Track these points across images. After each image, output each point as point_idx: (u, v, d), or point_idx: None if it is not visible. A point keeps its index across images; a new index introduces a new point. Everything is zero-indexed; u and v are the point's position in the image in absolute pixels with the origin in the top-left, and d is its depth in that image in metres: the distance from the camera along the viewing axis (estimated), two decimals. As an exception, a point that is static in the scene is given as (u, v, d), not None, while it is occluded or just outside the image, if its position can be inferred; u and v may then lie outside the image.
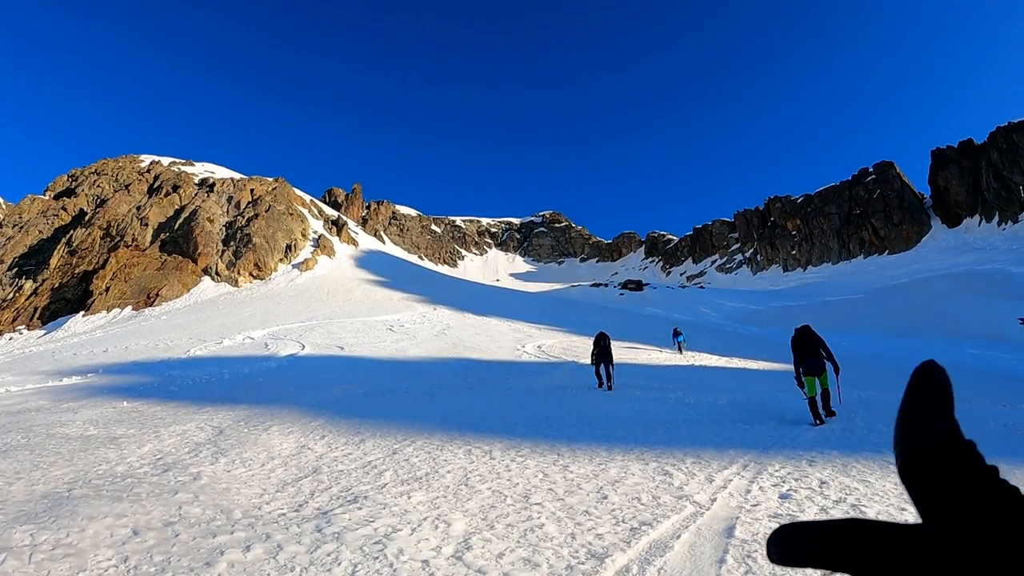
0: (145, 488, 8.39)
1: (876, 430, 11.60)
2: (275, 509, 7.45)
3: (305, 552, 5.93)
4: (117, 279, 77.62)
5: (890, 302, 74.75)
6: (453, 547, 6.05)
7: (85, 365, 30.58)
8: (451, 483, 8.54)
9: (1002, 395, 19.77)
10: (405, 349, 33.08)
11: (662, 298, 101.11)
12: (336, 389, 19.66)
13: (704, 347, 38.68)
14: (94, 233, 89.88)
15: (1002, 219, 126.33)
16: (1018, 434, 11.31)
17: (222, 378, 23.59)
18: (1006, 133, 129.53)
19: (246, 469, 9.58)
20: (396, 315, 52.11)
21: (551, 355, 31.87)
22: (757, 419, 13.37)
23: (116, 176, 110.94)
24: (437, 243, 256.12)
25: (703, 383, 21.32)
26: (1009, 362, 36.57)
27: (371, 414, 14.56)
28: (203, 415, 14.95)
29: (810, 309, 76.55)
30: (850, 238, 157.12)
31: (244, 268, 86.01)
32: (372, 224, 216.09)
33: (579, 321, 52.96)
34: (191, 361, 30.13)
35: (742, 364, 29.85)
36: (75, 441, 11.93)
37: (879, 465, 9.00)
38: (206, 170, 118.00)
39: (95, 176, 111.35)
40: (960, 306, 65.42)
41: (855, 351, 42.07)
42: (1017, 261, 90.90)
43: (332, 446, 11.18)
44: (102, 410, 16.11)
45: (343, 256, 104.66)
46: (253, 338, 39.52)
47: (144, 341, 41.91)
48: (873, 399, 16.26)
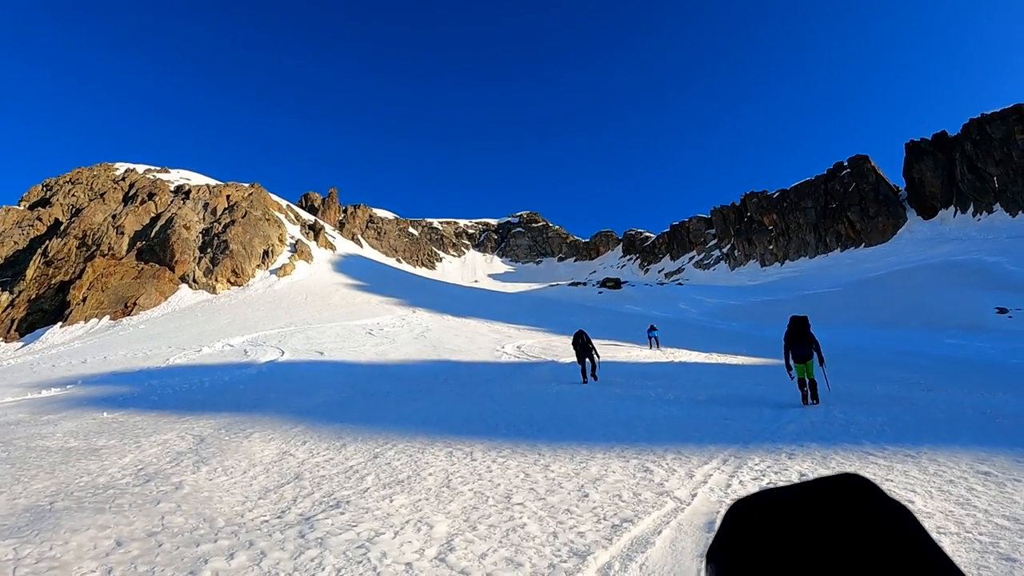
0: (127, 499, 8.38)
1: (856, 422, 11.71)
2: (258, 516, 7.46)
3: (289, 558, 5.94)
4: (94, 289, 77.02)
5: (868, 294, 75.36)
6: (436, 549, 6.08)
7: (64, 376, 30.35)
8: (433, 485, 8.57)
9: (980, 384, 19.98)
10: (385, 353, 33.02)
11: (641, 296, 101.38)
12: (316, 394, 19.64)
13: (683, 343, 38.81)
14: (70, 243, 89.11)
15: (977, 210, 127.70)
16: (995, 421, 11.44)
17: (202, 386, 23.48)
18: (979, 125, 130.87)
19: (228, 477, 9.58)
20: (375, 319, 51.99)
21: (531, 355, 31.89)
22: (737, 414, 13.47)
23: (91, 185, 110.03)
24: (415, 245, 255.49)
25: (683, 379, 21.42)
26: (987, 351, 36.96)
27: (352, 419, 14.57)
28: (184, 424, 14.91)
29: (788, 303, 76.93)
30: (826, 232, 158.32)
31: (222, 275, 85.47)
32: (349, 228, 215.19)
33: (558, 320, 53.02)
34: (170, 370, 29.95)
35: (721, 360, 29.99)
36: (56, 453, 11.88)
37: (858, 457, 9.10)
38: (181, 177, 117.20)
39: (70, 185, 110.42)
40: (937, 297, 66.05)
41: (834, 344, 42.33)
42: (993, 251, 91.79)
43: (313, 452, 11.19)
44: (82, 421, 16.04)
45: (321, 261, 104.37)
46: (232, 345, 39.32)
47: (123, 351, 41.61)
48: (853, 391, 16.40)
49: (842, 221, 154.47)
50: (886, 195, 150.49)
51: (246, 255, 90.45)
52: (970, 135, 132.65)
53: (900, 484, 7.54)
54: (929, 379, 21.25)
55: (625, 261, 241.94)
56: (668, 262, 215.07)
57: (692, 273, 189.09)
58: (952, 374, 24.22)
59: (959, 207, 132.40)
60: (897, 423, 11.48)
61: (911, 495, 7.04)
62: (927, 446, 9.46)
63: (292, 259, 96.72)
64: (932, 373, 24.03)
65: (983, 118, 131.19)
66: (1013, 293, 63.07)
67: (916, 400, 14.47)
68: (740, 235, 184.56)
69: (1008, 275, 73.15)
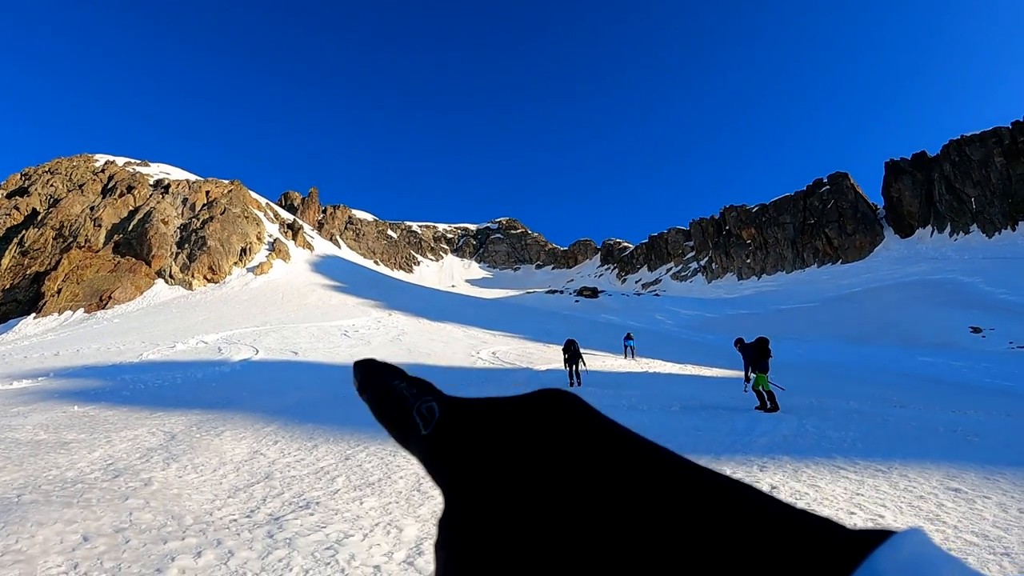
0: (96, 494, 8.31)
1: (827, 436, 11.77)
2: (227, 515, 7.41)
3: (257, 558, 5.91)
4: (69, 281, 76.46)
5: (843, 311, 76.00)
6: (405, 552, 6.06)
7: (36, 368, 30.05)
8: (403, 489, 8.53)
9: (953, 402, 20.12)
10: (360, 354, 32.75)
11: (617, 305, 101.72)
12: (290, 395, 19.55)
13: (659, 354, 38.87)
14: (46, 233, 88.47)
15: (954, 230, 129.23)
16: (966, 439, 11.53)
17: (175, 383, 23.32)
18: (958, 146, 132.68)
19: (198, 475, 9.51)
20: (351, 320, 51.84)
21: (506, 361, 31.86)
22: (709, 425, 13.50)
23: (70, 175, 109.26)
24: (393, 248, 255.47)
25: (657, 389, 21.45)
26: (960, 370, 37.19)
27: (324, 420, 14.50)
28: (155, 420, 14.80)
29: (764, 317, 77.54)
30: (804, 247, 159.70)
31: (198, 271, 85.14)
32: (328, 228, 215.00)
33: (534, 328, 52.95)
34: (143, 365, 29.73)
35: (696, 371, 30.09)
36: (25, 446, 11.77)
37: (829, 470, 9.14)
38: (161, 171, 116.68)
39: (49, 175, 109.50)
40: (912, 315, 66.74)
41: (808, 359, 42.62)
42: (968, 271, 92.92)
43: (285, 452, 11.13)
44: (53, 415, 15.90)
45: (298, 260, 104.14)
46: (206, 342, 39.08)
47: (96, 344, 41.28)
48: (825, 406, 16.50)
49: (820, 237, 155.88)
50: (864, 213, 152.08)
51: (223, 252, 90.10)
52: (949, 156, 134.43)
53: (871, 499, 7.58)
54: (901, 396, 21.41)
55: (603, 270, 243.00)
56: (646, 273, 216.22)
57: (669, 284, 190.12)
58: (924, 391, 24.38)
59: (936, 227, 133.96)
60: (869, 438, 11.55)
61: (881, 510, 7.10)
62: (898, 461, 9.53)
63: (270, 258, 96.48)
64: (904, 390, 24.19)
65: (962, 139, 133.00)
66: (987, 313, 63.83)
67: (888, 416, 14.57)
68: (718, 248, 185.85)
69: (983, 295, 74.10)
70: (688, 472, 0.34)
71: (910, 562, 0.22)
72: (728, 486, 0.33)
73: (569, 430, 0.41)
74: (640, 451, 0.38)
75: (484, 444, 0.41)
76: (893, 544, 0.23)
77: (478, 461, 0.40)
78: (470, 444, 0.42)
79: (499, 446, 0.40)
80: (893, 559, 0.22)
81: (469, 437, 0.43)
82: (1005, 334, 54.49)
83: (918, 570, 0.21)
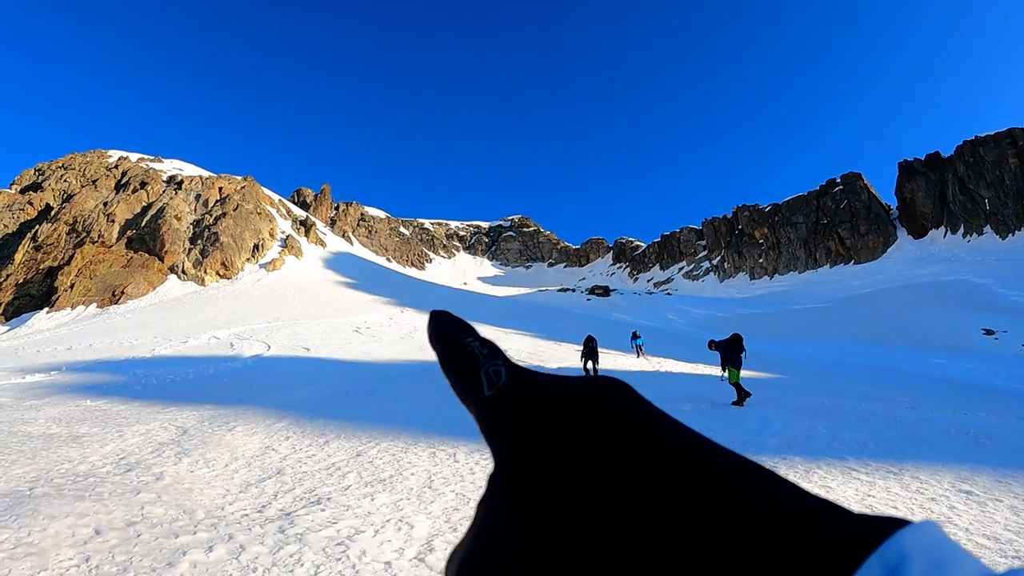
0: (107, 488, 8.33)
1: (839, 438, 11.70)
2: (238, 510, 7.42)
3: (268, 553, 5.91)
4: (82, 276, 76.73)
5: (855, 311, 75.58)
6: (416, 549, 6.07)
7: (48, 363, 30.18)
8: (415, 485, 8.53)
9: (964, 404, 19.99)
10: (371, 351, 32.92)
11: (629, 304, 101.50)
12: (301, 390, 19.55)
13: (670, 353, 38.73)
14: (60, 228, 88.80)
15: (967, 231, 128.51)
16: (978, 441, 11.45)
17: (187, 378, 23.39)
18: (972, 147, 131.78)
19: (209, 469, 9.53)
20: (363, 317, 51.93)
21: (517, 360, 31.76)
22: (721, 426, 13.45)
23: (84, 171, 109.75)
24: (405, 245, 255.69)
25: (668, 388, 21.44)
26: (972, 372, 36.97)
27: (336, 416, 14.49)
28: (167, 415, 14.84)
29: (776, 317, 77.19)
30: (817, 247, 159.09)
31: (211, 267, 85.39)
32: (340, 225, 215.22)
33: (546, 326, 52.87)
34: (156, 360, 29.82)
35: (707, 371, 29.95)
36: (37, 439, 11.81)
37: (840, 471, 9.09)
38: (175, 167, 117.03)
39: (62, 171, 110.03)
40: (924, 316, 66.37)
41: (819, 359, 42.44)
42: (981, 273, 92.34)
43: (296, 447, 11.14)
44: (65, 408, 15.96)
45: (311, 257, 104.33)
46: (218, 338, 39.20)
47: (108, 339, 41.43)
48: (836, 406, 16.41)
49: (832, 237, 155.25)
50: (877, 213, 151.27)
51: (236, 248, 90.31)
52: (963, 156, 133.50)
53: (882, 500, 7.55)
54: (913, 397, 21.26)
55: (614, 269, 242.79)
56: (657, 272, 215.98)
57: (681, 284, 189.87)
58: (936, 393, 24.21)
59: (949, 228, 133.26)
60: (880, 439, 11.48)
61: (892, 511, 7.05)
62: (909, 463, 9.47)
63: (282, 254, 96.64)
64: (916, 391, 24.03)
65: (976, 140, 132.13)
66: (1000, 315, 63.51)
67: (899, 417, 14.48)
68: (730, 247, 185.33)
69: (996, 297, 73.65)
70: (732, 462, 0.35)
71: (929, 544, 0.22)
72: (756, 472, 0.34)
73: (625, 416, 0.41)
74: (688, 443, 0.39)
75: (544, 416, 0.42)
76: (913, 531, 0.23)
77: (536, 430, 0.41)
78: (530, 413, 0.43)
79: (558, 420, 0.41)
80: (916, 541, 0.22)
81: (530, 406, 0.43)
82: (1018, 336, 54.19)
83: (937, 551, 0.22)
